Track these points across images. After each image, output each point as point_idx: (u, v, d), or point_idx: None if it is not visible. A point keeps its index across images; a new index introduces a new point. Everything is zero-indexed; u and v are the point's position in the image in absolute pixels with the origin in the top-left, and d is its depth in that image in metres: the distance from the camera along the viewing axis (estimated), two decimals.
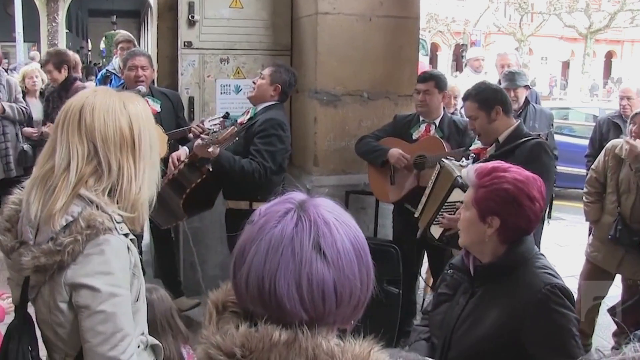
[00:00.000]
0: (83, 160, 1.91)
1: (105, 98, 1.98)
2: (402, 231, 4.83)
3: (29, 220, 1.91)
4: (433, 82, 4.63)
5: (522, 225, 2.24)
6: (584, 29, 36.99)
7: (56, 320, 1.93)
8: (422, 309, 5.48)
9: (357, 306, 1.24)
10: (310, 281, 1.16)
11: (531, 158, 3.64)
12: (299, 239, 1.17)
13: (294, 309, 1.16)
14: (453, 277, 2.45)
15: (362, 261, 1.23)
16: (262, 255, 1.18)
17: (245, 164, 4.19)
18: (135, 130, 1.98)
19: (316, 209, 1.22)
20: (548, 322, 2.14)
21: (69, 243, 1.83)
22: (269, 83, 4.46)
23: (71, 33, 33.43)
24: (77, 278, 1.87)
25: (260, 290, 1.17)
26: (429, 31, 39.51)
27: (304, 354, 1.14)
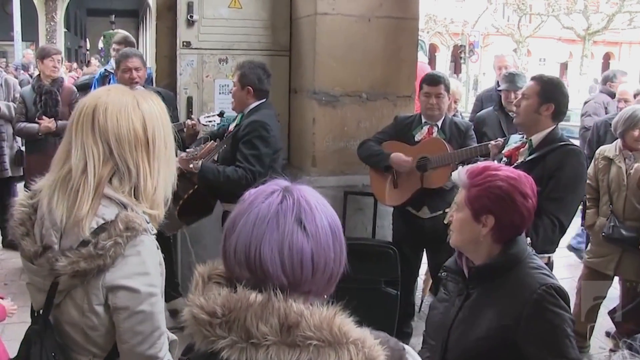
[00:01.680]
0: (99, 161, 1.90)
1: (119, 97, 1.97)
2: (403, 233, 4.82)
3: (52, 224, 1.89)
4: (443, 85, 4.61)
5: (517, 222, 2.25)
6: (582, 31, 37.07)
7: (89, 323, 1.92)
8: (420, 310, 5.50)
9: (331, 278, 1.38)
10: (291, 249, 1.31)
11: (562, 164, 3.54)
12: (283, 213, 1.34)
13: (275, 272, 1.31)
14: (448, 280, 2.44)
15: (337, 238, 1.39)
16: (250, 225, 1.34)
17: (230, 172, 4.17)
18: (149, 129, 1.97)
19: (299, 191, 1.39)
20: (543, 322, 2.14)
21: (110, 246, 1.83)
22: (240, 88, 4.41)
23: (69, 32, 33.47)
24: (116, 280, 1.87)
25: (246, 255, 1.32)
26: (427, 32, 39.55)
27: (276, 313, 1.27)
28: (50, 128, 5.98)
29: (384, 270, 4.63)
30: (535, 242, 3.32)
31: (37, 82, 6.15)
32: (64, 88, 6.27)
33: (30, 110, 6.04)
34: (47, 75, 6.15)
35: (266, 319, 1.26)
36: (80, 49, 40.51)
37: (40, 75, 6.21)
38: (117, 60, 5.16)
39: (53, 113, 6.06)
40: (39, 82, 6.14)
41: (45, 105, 6.05)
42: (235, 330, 1.27)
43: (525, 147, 3.74)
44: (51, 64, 6.14)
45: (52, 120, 6.01)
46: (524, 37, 40.03)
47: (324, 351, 1.25)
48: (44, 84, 6.10)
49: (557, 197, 3.46)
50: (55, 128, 6.00)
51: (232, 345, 1.27)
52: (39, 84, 6.11)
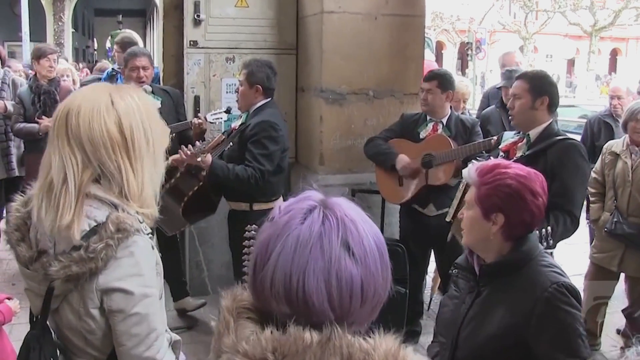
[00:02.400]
0: (78, 169, 1.86)
1: (92, 98, 1.91)
2: (410, 230, 4.82)
3: (45, 231, 1.87)
4: (436, 81, 4.60)
5: (527, 220, 2.23)
6: (589, 27, 36.96)
7: (87, 327, 1.90)
8: (428, 308, 5.48)
9: (377, 305, 1.25)
10: (340, 279, 1.16)
11: (564, 161, 3.57)
12: (327, 236, 1.17)
13: (321, 307, 1.16)
14: (458, 277, 2.43)
15: (384, 260, 1.25)
16: (289, 252, 1.17)
17: (239, 171, 4.15)
18: (126, 127, 1.90)
19: (340, 207, 1.23)
20: (554, 320, 2.12)
21: (101, 249, 1.80)
22: (249, 87, 4.38)
23: (77, 32, 33.55)
24: (109, 283, 1.84)
25: (287, 287, 1.16)
26: (434, 29, 39.47)
27: (338, 353, 1.13)
28: (50, 127, 5.98)
29: (393, 268, 4.59)
30: (556, 232, 3.33)
31: (35, 82, 6.14)
32: (62, 87, 6.26)
33: (29, 110, 6.03)
34: (43, 76, 6.13)
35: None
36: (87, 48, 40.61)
37: (37, 76, 6.21)
38: (125, 59, 5.14)
39: (52, 112, 6.05)
40: (37, 82, 6.13)
41: (44, 105, 6.04)
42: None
43: (523, 141, 3.76)
44: (47, 64, 6.14)
45: (52, 119, 6.01)
46: (531, 33, 39.94)
47: None
48: (41, 84, 6.09)
49: (566, 192, 3.48)
50: None
51: None
52: (37, 84, 6.10)
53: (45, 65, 6.12)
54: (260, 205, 4.32)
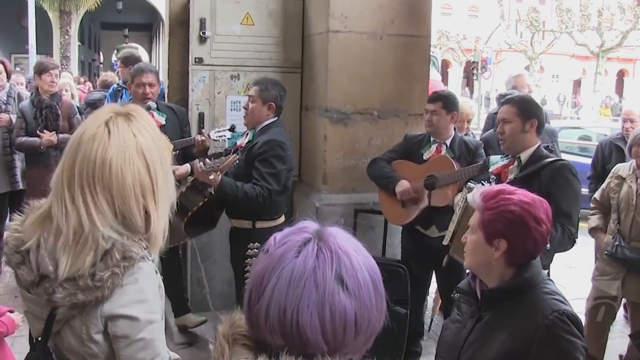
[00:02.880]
0: (104, 220, 1.84)
1: (120, 143, 1.87)
2: (412, 251, 4.80)
3: (48, 253, 1.85)
4: (441, 102, 4.61)
5: (529, 247, 2.22)
6: (596, 48, 37.02)
7: (89, 351, 1.89)
8: (429, 329, 5.45)
9: (371, 335, 1.26)
10: (333, 312, 1.17)
11: (559, 181, 3.70)
12: (321, 270, 1.18)
13: (315, 340, 1.17)
14: (461, 301, 2.42)
15: (378, 291, 1.25)
16: (284, 286, 1.18)
17: (248, 189, 4.15)
18: (152, 169, 1.90)
19: (335, 239, 1.24)
20: (555, 348, 2.11)
21: (108, 278, 1.79)
22: (262, 104, 4.39)
23: (83, 46, 33.74)
24: (114, 310, 1.84)
25: (281, 321, 1.18)
26: (439, 48, 39.63)
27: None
28: (52, 141, 6.01)
29: (394, 289, 4.52)
30: (554, 237, 3.45)
31: (37, 97, 6.17)
32: (63, 102, 6.30)
33: (31, 124, 6.06)
34: (45, 90, 6.17)
35: None
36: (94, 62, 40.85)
37: (39, 90, 6.24)
38: (132, 74, 5.15)
39: (54, 127, 6.09)
40: (38, 96, 6.16)
41: (46, 119, 6.08)
42: None
43: (514, 164, 3.89)
44: (49, 79, 6.17)
45: (54, 133, 6.04)
46: (537, 53, 40.06)
47: None
48: (43, 98, 6.13)
49: (561, 210, 3.54)
50: (57, 141, 6.03)
51: None
52: (39, 99, 6.13)
53: (47, 80, 6.16)
54: (262, 223, 4.32)
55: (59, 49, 27.15)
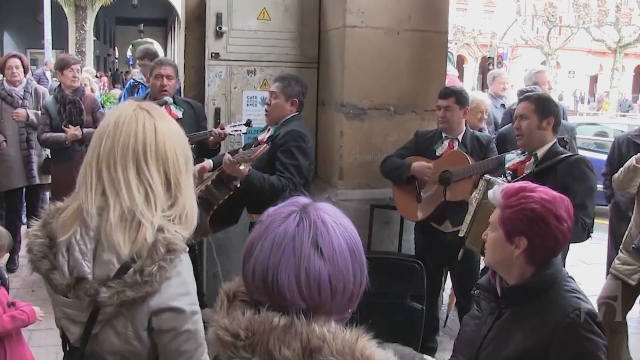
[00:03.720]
0: (162, 190, 1.90)
1: (164, 121, 1.96)
2: (426, 247, 4.79)
3: (83, 254, 1.84)
4: (454, 98, 4.60)
5: (550, 245, 2.20)
6: (613, 43, 36.68)
7: (132, 349, 1.90)
8: (445, 325, 5.44)
9: (351, 298, 1.38)
10: (308, 274, 1.30)
11: (575, 174, 3.76)
12: (299, 237, 1.32)
13: (293, 298, 1.30)
14: (480, 297, 2.41)
15: (356, 258, 1.37)
16: (266, 251, 1.33)
17: (274, 181, 4.17)
18: (188, 151, 2.00)
19: (316, 211, 1.37)
20: (576, 347, 2.09)
21: (156, 272, 1.80)
22: (285, 100, 4.43)
23: (99, 41, 33.93)
24: (161, 303, 1.85)
25: (264, 281, 1.32)
26: (455, 43, 39.44)
27: (298, 338, 1.27)
28: (77, 136, 6.04)
29: (410, 284, 4.59)
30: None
31: (60, 93, 6.21)
32: (86, 97, 6.34)
33: (55, 120, 6.10)
34: (67, 86, 6.21)
35: (288, 343, 1.27)
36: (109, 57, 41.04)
37: (62, 86, 6.27)
38: (151, 67, 5.21)
39: (78, 121, 6.12)
40: (61, 92, 6.20)
41: (69, 114, 6.11)
42: (259, 353, 1.28)
43: (530, 160, 3.96)
44: (70, 75, 6.20)
45: (78, 127, 6.07)
46: (553, 49, 39.76)
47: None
48: (66, 94, 6.16)
49: (578, 203, 3.49)
50: (82, 136, 6.06)
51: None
52: (62, 94, 6.16)
53: (69, 75, 6.19)
54: None
55: (74, 44, 27.31)
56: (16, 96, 6.54)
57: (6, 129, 6.50)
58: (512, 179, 3.91)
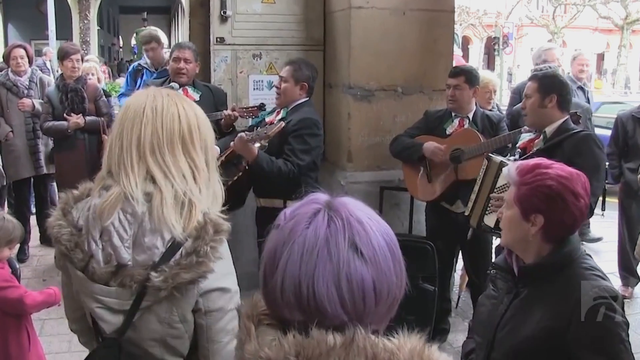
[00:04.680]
0: (206, 172, 1.96)
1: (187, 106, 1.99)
2: (436, 228, 4.77)
3: (122, 240, 1.84)
4: (463, 76, 4.57)
5: (567, 222, 2.16)
6: (620, 20, 36.34)
7: (175, 333, 1.91)
8: (457, 306, 5.43)
9: (393, 304, 1.23)
10: (350, 281, 1.14)
11: (581, 150, 3.71)
12: (334, 239, 1.15)
13: (334, 311, 1.14)
14: (497, 277, 2.38)
15: (396, 257, 1.22)
16: (296, 259, 1.15)
17: (282, 165, 4.16)
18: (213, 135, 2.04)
19: (346, 207, 1.20)
20: (595, 325, 2.05)
21: (210, 252, 1.82)
22: (294, 83, 4.41)
23: (102, 30, 33.90)
24: (210, 284, 1.87)
25: (297, 295, 1.15)
26: (460, 24, 39.15)
27: (362, 354, 1.11)
28: (80, 124, 6.03)
29: (422, 266, 4.57)
30: None
31: (62, 82, 6.21)
32: (88, 85, 6.32)
33: (57, 108, 6.09)
34: (68, 76, 6.21)
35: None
36: (113, 46, 41.00)
37: (64, 75, 6.28)
38: (171, 51, 5.28)
39: (80, 110, 6.12)
40: (63, 81, 6.20)
41: (72, 103, 6.11)
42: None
43: (539, 138, 3.94)
44: (70, 65, 6.18)
45: (80, 116, 6.06)
46: (559, 27, 39.42)
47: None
48: (68, 82, 6.15)
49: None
50: (84, 124, 6.05)
51: None
52: (64, 83, 6.16)
53: (69, 66, 6.18)
54: (294, 202, 4.29)
55: (78, 33, 27.30)
56: (21, 86, 6.54)
57: (12, 119, 6.52)
58: (520, 157, 3.89)
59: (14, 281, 3.56)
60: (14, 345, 3.50)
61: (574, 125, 3.96)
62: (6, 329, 3.48)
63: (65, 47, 6.49)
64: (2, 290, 3.43)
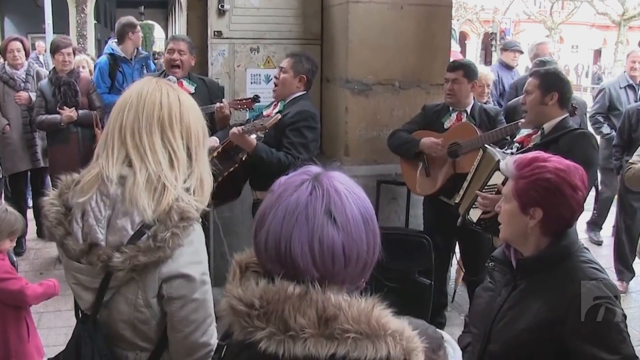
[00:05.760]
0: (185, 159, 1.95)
1: (184, 95, 2.02)
2: (434, 222, 4.79)
3: (97, 221, 1.88)
4: (462, 71, 4.58)
5: (566, 215, 2.17)
6: (617, 16, 36.33)
7: (141, 317, 1.93)
8: (452, 300, 5.44)
9: (365, 267, 1.36)
10: (322, 243, 1.29)
11: (574, 146, 3.68)
12: (312, 206, 1.31)
13: (306, 267, 1.29)
14: (494, 269, 2.39)
15: (369, 227, 1.36)
16: (279, 220, 1.32)
17: (282, 156, 4.15)
18: (203, 123, 2.04)
19: (329, 180, 1.35)
20: (593, 317, 2.06)
21: (169, 238, 1.83)
22: (293, 75, 4.40)
23: (99, 24, 33.74)
24: (172, 270, 1.88)
25: (277, 251, 1.31)
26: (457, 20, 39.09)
27: (314, 306, 1.27)
28: (72, 117, 6.04)
29: (418, 260, 4.59)
30: None
31: (54, 75, 6.21)
32: (81, 79, 6.31)
33: (50, 102, 6.10)
34: (60, 69, 6.20)
35: (304, 312, 1.26)
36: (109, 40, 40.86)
37: (56, 68, 6.27)
38: (166, 43, 5.30)
39: (73, 103, 6.12)
40: (56, 74, 6.20)
41: (64, 96, 6.10)
42: (273, 322, 1.27)
43: (537, 134, 3.93)
44: (61, 59, 6.18)
45: (73, 109, 6.06)
46: (557, 23, 39.39)
47: (361, 343, 1.25)
48: (60, 76, 6.15)
49: None
50: (77, 117, 6.06)
51: (270, 336, 1.27)
52: (56, 77, 6.16)
53: (60, 59, 6.19)
54: None
55: (75, 27, 27.22)
56: (18, 79, 6.52)
57: (9, 113, 6.49)
58: (517, 151, 3.90)
59: (14, 273, 3.58)
60: (13, 336, 3.51)
61: (572, 123, 3.97)
62: (6, 321, 3.50)
63: (57, 41, 6.48)
64: (3, 282, 3.45)
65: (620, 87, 7.04)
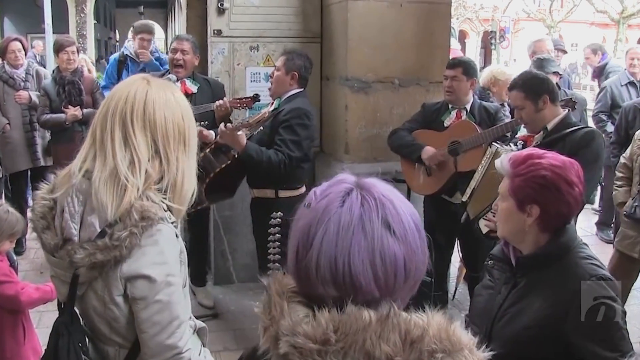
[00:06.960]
0: (147, 156, 1.91)
1: (161, 91, 1.97)
2: (435, 219, 4.76)
3: (71, 216, 1.90)
4: (461, 68, 4.56)
5: (563, 211, 2.17)
6: (616, 14, 36.32)
7: (111, 314, 1.93)
8: (453, 298, 5.44)
9: (417, 280, 1.26)
10: (383, 258, 1.18)
11: (583, 144, 3.68)
12: (367, 217, 1.18)
13: (368, 287, 1.17)
14: (494, 267, 2.39)
15: (422, 237, 1.26)
16: (332, 236, 1.18)
17: (272, 155, 4.14)
18: (186, 124, 1.99)
19: (376, 187, 1.23)
20: (594, 314, 2.05)
21: (125, 237, 1.82)
22: (285, 73, 4.40)
23: (99, 24, 33.75)
24: (133, 271, 1.87)
25: (333, 271, 1.17)
26: (457, 18, 39.08)
27: (397, 330, 1.14)
28: (77, 116, 6.04)
29: None
30: None
31: (58, 74, 6.21)
32: (85, 78, 6.32)
33: (55, 101, 6.10)
34: (64, 68, 6.21)
35: (387, 338, 1.14)
36: (110, 40, 40.84)
37: (60, 67, 6.28)
38: (170, 43, 5.28)
39: (78, 102, 6.12)
40: (60, 73, 6.20)
41: (69, 95, 6.11)
42: (352, 355, 1.14)
43: (540, 133, 3.90)
44: (65, 57, 6.19)
45: (78, 108, 6.07)
46: (556, 22, 39.38)
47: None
48: (64, 75, 6.15)
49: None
50: (82, 116, 6.06)
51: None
52: (60, 76, 6.16)
53: (64, 58, 6.19)
54: (285, 192, 4.31)
55: (74, 27, 27.21)
56: (18, 78, 6.52)
57: (9, 112, 6.49)
58: (521, 148, 3.89)
59: (12, 276, 3.55)
60: (9, 339, 3.49)
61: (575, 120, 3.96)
62: (2, 324, 3.48)
63: (60, 40, 6.48)
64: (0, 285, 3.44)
65: (622, 85, 7.06)
